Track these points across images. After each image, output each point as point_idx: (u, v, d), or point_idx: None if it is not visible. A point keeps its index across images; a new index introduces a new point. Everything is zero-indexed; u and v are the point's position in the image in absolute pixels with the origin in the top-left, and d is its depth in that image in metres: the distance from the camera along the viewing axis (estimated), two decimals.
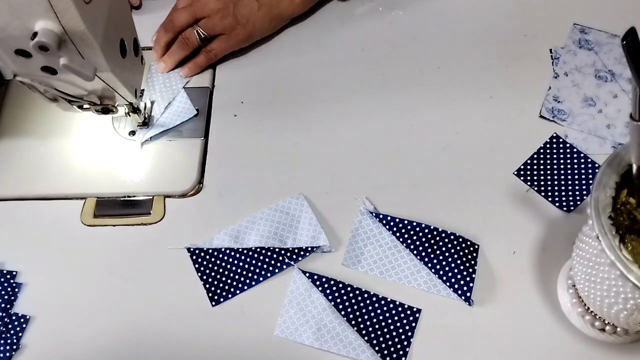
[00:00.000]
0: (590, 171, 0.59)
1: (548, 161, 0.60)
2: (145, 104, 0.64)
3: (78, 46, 0.46)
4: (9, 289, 0.55)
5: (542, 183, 0.59)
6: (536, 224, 0.57)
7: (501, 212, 0.58)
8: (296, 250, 0.56)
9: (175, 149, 0.63)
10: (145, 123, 0.63)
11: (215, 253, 0.57)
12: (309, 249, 0.56)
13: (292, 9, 0.67)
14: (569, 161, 0.59)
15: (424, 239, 0.56)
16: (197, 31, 0.64)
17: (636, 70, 0.35)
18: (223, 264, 0.56)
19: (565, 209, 0.57)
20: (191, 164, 0.61)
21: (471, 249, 0.55)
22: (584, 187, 0.58)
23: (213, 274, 0.56)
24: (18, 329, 0.54)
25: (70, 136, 0.63)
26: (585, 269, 0.45)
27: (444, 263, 0.54)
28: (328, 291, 0.54)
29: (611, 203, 0.42)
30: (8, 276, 0.56)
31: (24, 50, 0.46)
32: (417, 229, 0.56)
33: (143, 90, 0.64)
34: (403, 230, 0.56)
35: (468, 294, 0.53)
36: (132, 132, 0.63)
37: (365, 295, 0.54)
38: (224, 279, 0.56)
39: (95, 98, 0.55)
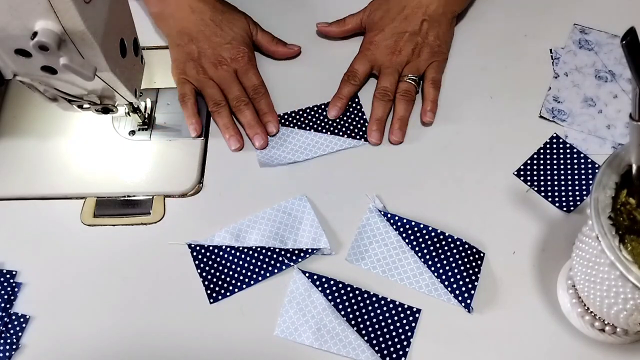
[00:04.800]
0: (590, 171, 0.59)
1: (548, 161, 0.60)
2: (145, 103, 0.64)
3: (78, 46, 0.46)
4: (8, 289, 0.55)
5: (542, 183, 0.59)
6: (536, 224, 0.57)
7: (501, 212, 0.58)
8: (296, 252, 0.56)
9: (175, 149, 0.63)
10: (146, 123, 0.63)
11: (216, 250, 0.57)
12: (309, 250, 0.56)
13: (462, 4, 0.67)
14: (569, 161, 0.59)
15: (429, 242, 0.55)
16: (409, 80, 0.63)
17: (636, 70, 0.35)
18: (223, 262, 0.56)
19: (565, 209, 0.57)
20: (191, 164, 0.62)
21: (477, 256, 0.55)
22: (584, 187, 0.58)
23: (212, 271, 0.56)
24: (18, 328, 0.54)
25: (70, 136, 0.63)
26: (585, 269, 0.45)
27: (447, 268, 0.54)
28: (328, 291, 0.54)
29: (611, 203, 0.42)
30: (8, 276, 0.56)
31: (24, 50, 0.46)
32: (424, 231, 0.56)
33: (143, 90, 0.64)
34: (410, 232, 0.56)
35: (468, 301, 0.53)
36: (132, 132, 0.63)
37: (365, 295, 0.54)
38: (223, 276, 0.56)
39: (95, 98, 0.55)
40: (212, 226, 0.58)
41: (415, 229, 0.56)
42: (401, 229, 0.56)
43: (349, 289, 0.54)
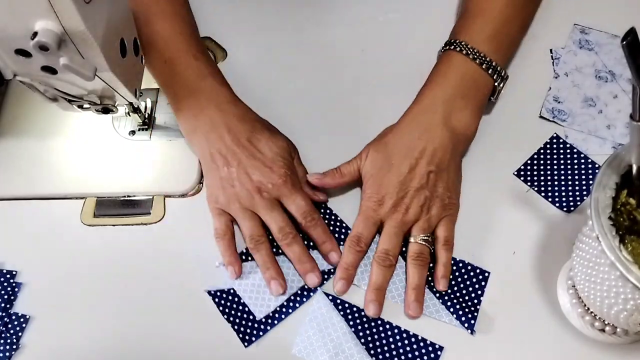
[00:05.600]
0: (590, 171, 0.59)
1: (548, 161, 0.60)
2: (145, 103, 0.64)
3: (78, 46, 0.46)
4: (8, 289, 0.55)
5: (542, 183, 0.59)
6: (536, 224, 0.57)
7: (501, 212, 0.58)
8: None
9: (175, 149, 0.63)
10: (146, 123, 0.63)
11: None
12: (332, 271, 0.55)
13: (469, 143, 0.59)
14: (569, 161, 0.59)
15: (432, 265, 0.55)
16: (421, 241, 0.54)
17: (636, 70, 0.35)
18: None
19: (565, 209, 0.57)
20: (191, 164, 0.61)
21: (480, 277, 0.54)
22: (584, 187, 0.58)
23: (239, 314, 0.54)
24: (18, 328, 0.54)
25: (70, 136, 0.63)
26: (585, 269, 0.45)
27: (449, 290, 0.53)
28: (350, 316, 0.53)
29: (611, 204, 0.42)
30: (8, 276, 0.56)
31: (24, 50, 0.46)
32: None
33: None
34: None
35: (472, 322, 0.52)
36: (132, 132, 0.63)
37: (387, 326, 0.53)
38: (251, 317, 0.53)
39: (95, 98, 0.55)
40: (211, 226, 0.58)
41: None
42: (402, 249, 0.55)
43: (370, 317, 0.53)
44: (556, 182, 0.59)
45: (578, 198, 0.58)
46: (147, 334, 0.54)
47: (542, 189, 0.59)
